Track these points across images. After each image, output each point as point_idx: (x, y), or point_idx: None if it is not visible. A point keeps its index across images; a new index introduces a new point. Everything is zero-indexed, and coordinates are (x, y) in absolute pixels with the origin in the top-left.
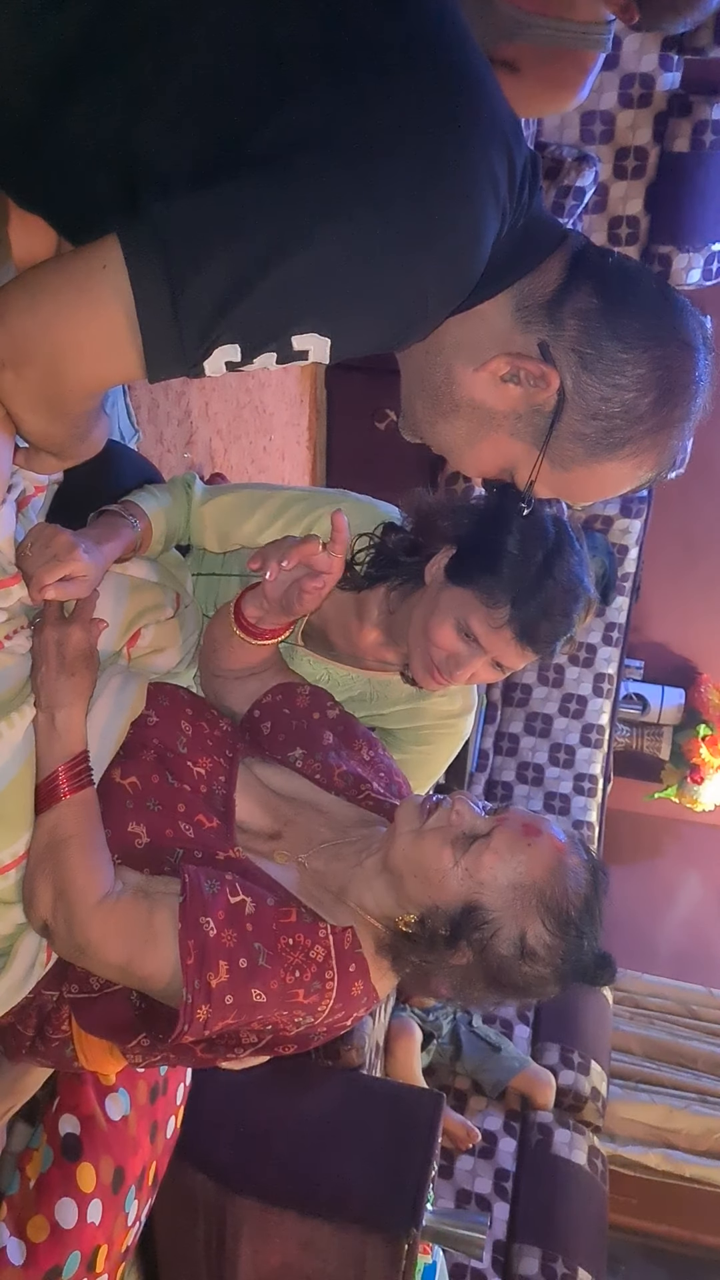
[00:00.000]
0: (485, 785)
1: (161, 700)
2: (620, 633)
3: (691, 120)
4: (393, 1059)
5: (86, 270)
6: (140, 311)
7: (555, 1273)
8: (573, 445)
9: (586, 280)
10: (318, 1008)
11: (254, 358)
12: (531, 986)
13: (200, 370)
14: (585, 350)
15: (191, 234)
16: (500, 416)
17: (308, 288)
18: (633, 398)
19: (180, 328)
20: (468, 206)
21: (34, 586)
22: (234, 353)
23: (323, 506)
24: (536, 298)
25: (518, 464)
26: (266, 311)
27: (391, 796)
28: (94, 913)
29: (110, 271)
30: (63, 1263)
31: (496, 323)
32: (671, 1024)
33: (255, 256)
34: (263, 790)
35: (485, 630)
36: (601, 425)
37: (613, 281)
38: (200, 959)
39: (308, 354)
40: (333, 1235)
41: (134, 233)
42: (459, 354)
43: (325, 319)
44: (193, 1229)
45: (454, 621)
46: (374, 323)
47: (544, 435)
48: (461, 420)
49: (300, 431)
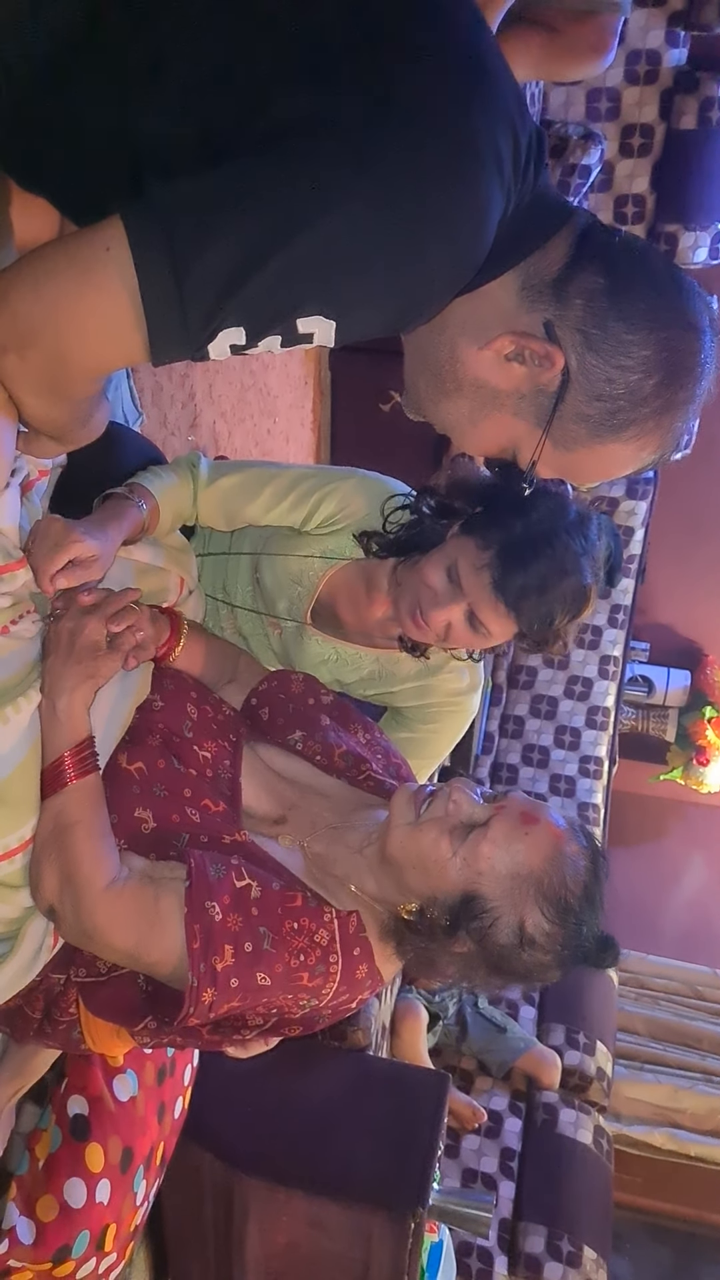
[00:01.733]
0: (490, 768)
1: (166, 684)
2: (626, 615)
3: (698, 97)
4: (399, 1040)
5: (90, 253)
6: (144, 294)
7: (561, 1251)
8: (576, 426)
9: (593, 259)
10: (322, 990)
11: (259, 340)
12: (533, 972)
13: (205, 354)
14: (590, 330)
15: (195, 216)
16: (504, 396)
17: (312, 269)
18: (637, 379)
19: (185, 311)
20: (472, 186)
21: (41, 578)
22: (239, 336)
23: (332, 483)
24: (542, 276)
25: (520, 444)
26: (271, 294)
27: (390, 777)
28: (100, 898)
29: (114, 254)
30: (72, 1241)
31: (502, 301)
32: (677, 1005)
33: (259, 239)
34: (267, 773)
35: (469, 570)
36: (605, 406)
37: (619, 261)
38: (206, 943)
39: (313, 337)
40: (340, 1214)
41: (137, 215)
42: (463, 332)
43: (330, 301)
44: (200, 1208)
45: (446, 562)
46: (379, 304)
47: (547, 415)
48: (465, 399)
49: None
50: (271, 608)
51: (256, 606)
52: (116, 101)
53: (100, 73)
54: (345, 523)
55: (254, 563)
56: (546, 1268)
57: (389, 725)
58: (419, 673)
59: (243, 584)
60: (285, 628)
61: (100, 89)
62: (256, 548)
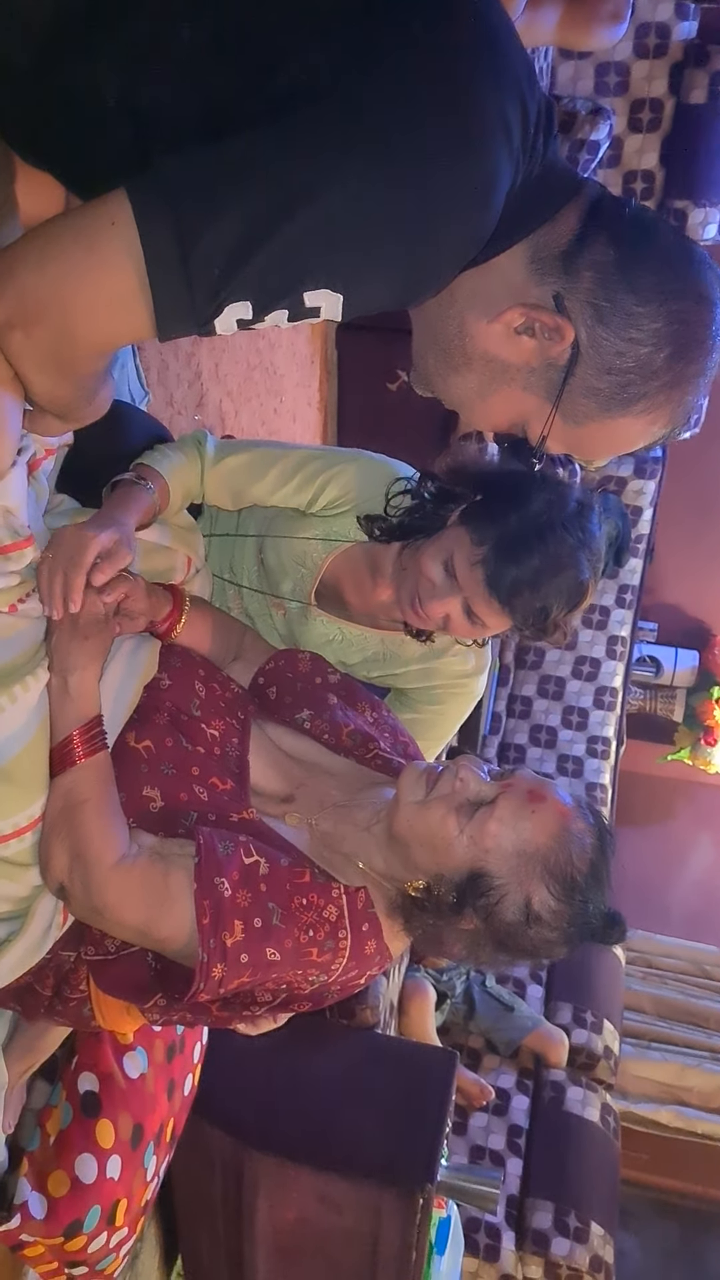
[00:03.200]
0: (498, 748)
1: (174, 662)
2: (634, 595)
3: (708, 71)
4: (407, 1019)
5: (95, 227)
6: (150, 269)
7: (568, 1226)
8: (586, 400)
9: (603, 231)
10: (331, 966)
11: (265, 315)
12: (539, 949)
13: (211, 328)
14: (600, 303)
15: (201, 190)
16: (513, 369)
17: (318, 242)
18: (648, 352)
19: (191, 285)
20: (479, 158)
21: (75, 582)
22: (245, 310)
23: (337, 465)
24: (552, 249)
25: (530, 418)
26: (278, 267)
27: (398, 755)
28: (110, 875)
29: (119, 228)
30: (83, 1216)
31: (511, 274)
32: (684, 983)
33: (265, 212)
34: (275, 751)
35: (464, 566)
36: (616, 380)
37: (629, 233)
38: (215, 919)
39: (320, 311)
40: (349, 1190)
41: (142, 190)
42: (472, 306)
43: (337, 274)
44: (210, 1184)
45: (443, 554)
46: (386, 277)
47: (557, 389)
48: (474, 373)
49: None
50: (276, 588)
51: (262, 587)
52: (118, 73)
53: (101, 44)
54: (350, 505)
55: (259, 544)
56: (554, 1243)
57: (394, 706)
58: (424, 655)
59: (249, 565)
60: (290, 608)
61: (102, 61)
62: (262, 529)
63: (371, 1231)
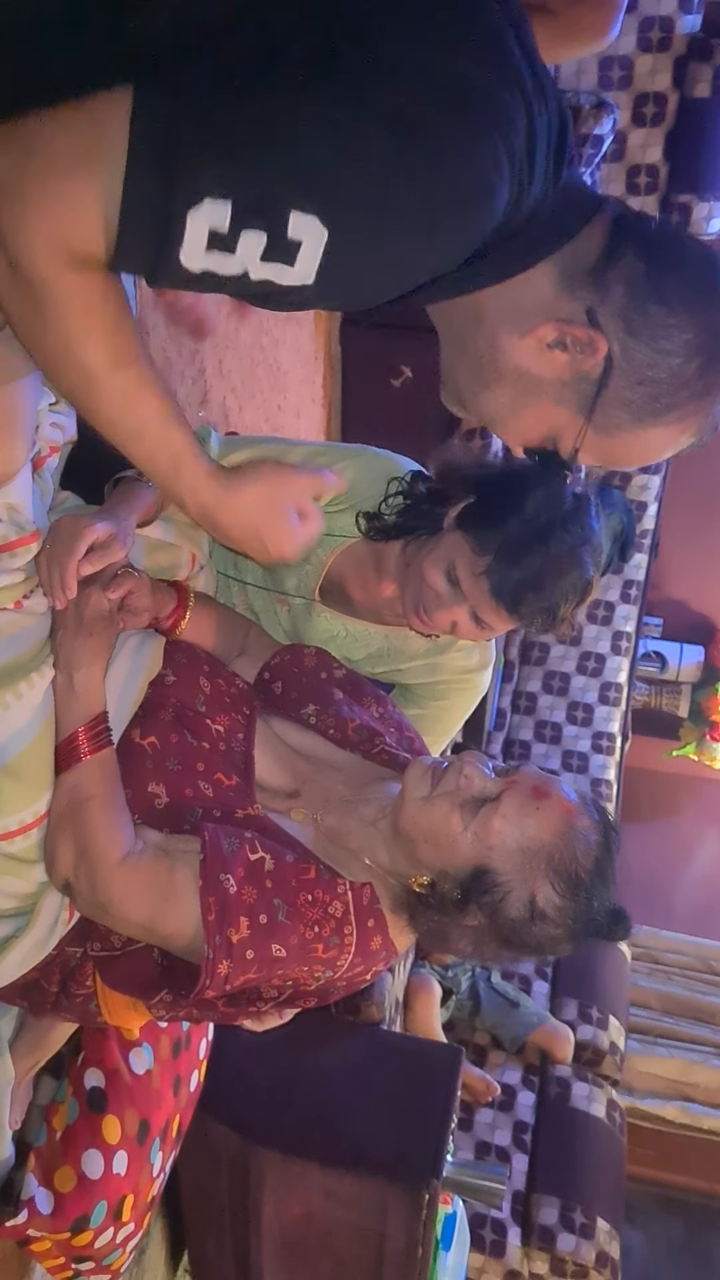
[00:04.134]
0: (503, 743)
1: (179, 658)
2: (639, 590)
3: (712, 65)
4: (412, 1015)
5: (90, 103)
6: (135, 129)
7: (574, 1222)
8: (618, 411)
9: (630, 245)
10: (337, 962)
11: (243, 229)
12: (544, 945)
13: (181, 226)
14: (632, 315)
15: (208, 89)
16: (545, 384)
17: (319, 159)
18: (679, 363)
19: (175, 155)
20: (490, 139)
21: (67, 570)
22: (222, 214)
23: (341, 461)
24: (581, 264)
25: (562, 432)
26: (270, 169)
27: (404, 751)
28: (116, 871)
29: (117, 97)
30: (90, 1212)
31: (541, 289)
32: (689, 979)
33: (270, 115)
34: (281, 747)
35: (467, 576)
36: (648, 391)
37: (657, 246)
38: (221, 915)
39: (300, 246)
40: (355, 1186)
41: (152, 82)
42: (503, 321)
43: (328, 204)
44: (216, 1180)
45: (445, 563)
46: (374, 228)
47: (590, 402)
48: (505, 388)
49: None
50: (280, 585)
51: (266, 583)
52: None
53: None
54: (353, 501)
55: None
56: (560, 1239)
57: (399, 702)
58: (428, 650)
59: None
60: (294, 604)
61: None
62: None
63: (377, 1227)
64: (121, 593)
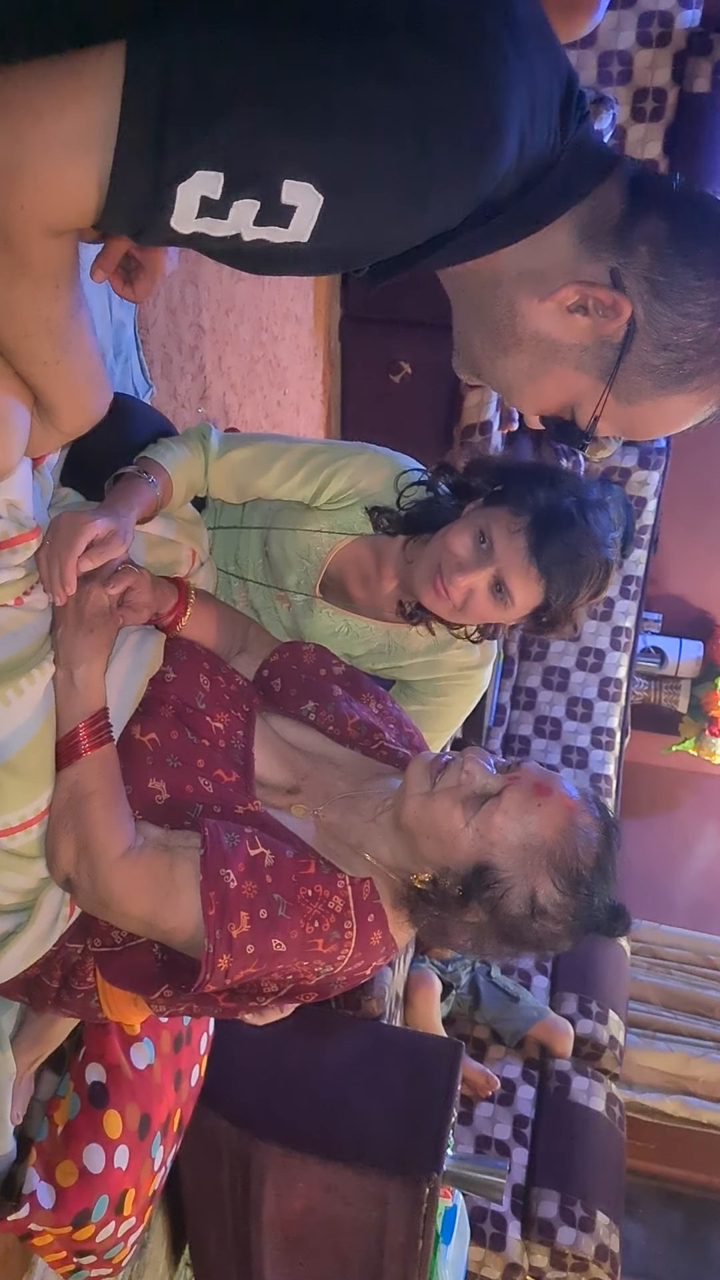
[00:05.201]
0: (503, 739)
1: (179, 655)
2: (638, 586)
3: (712, 59)
4: (412, 1009)
5: (79, 58)
6: (126, 98)
7: (574, 1215)
8: (640, 378)
9: (653, 204)
10: (337, 957)
11: (235, 198)
12: (544, 942)
13: (171, 199)
14: (657, 277)
15: (202, 47)
16: (565, 349)
17: (314, 121)
18: (705, 327)
19: (164, 126)
20: (490, 92)
21: (66, 566)
22: (214, 184)
23: (343, 458)
24: (602, 223)
25: (581, 399)
26: (266, 134)
27: (403, 746)
28: (116, 867)
29: (108, 57)
30: (91, 1206)
31: (561, 251)
32: (689, 974)
33: (263, 79)
34: (280, 744)
35: (502, 535)
36: (672, 356)
37: (681, 206)
38: (221, 910)
39: (293, 213)
40: (355, 1180)
41: (145, 33)
42: (522, 285)
43: (323, 169)
44: (218, 1174)
45: (475, 529)
46: (372, 186)
47: (611, 368)
48: (524, 354)
49: (314, 385)
50: (281, 581)
51: (267, 580)
52: None
53: None
54: (355, 498)
55: (264, 536)
56: (560, 1232)
57: (398, 699)
58: (429, 647)
59: (253, 558)
60: (294, 601)
61: None
62: (266, 522)
63: (378, 1221)
64: (121, 589)
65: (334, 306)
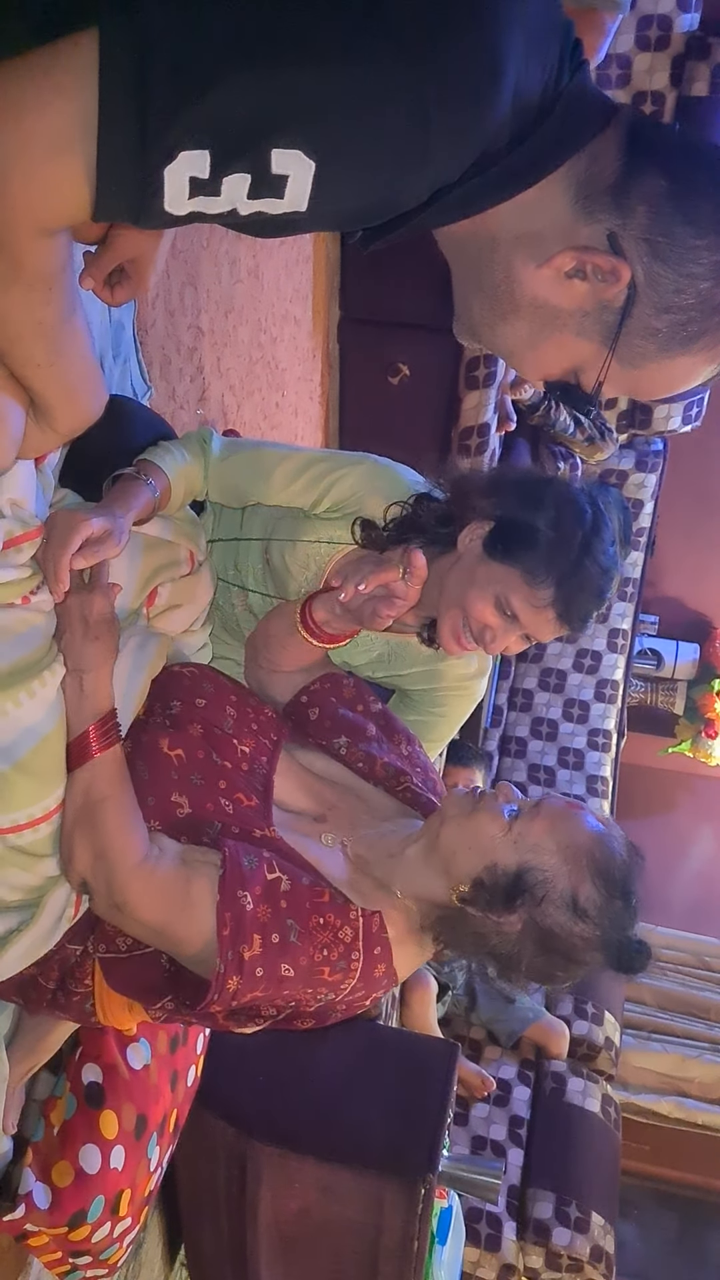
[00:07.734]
0: (499, 741)
1: (207, 686)
2: (635, 588)
3: (710, 63)
4: (409, 1010)
5: (53, 52)
6: (104, 86)
7: (569, 1216)
8: (644, 341)
9: (651, 160)
10: (340, 986)
11: (225, 174)
12: (577, 950)
13: (159, 184)
14: (657, 238)
15: (178, 22)
16: (565, 315)
17: (299, 86)
18: (708, 286)
19: (147, 107)
20: (489, 33)
21: (59, 564)
22: (201, 163)
23: (343, 468)
24: (597, 182)
25: (584, 364)
26: (247, 106)
27: (428, 792)
28: (134, 874)
29: (82, 49)
30: (87, 1206)
31: (557, 213)
32: (684, 975)
33: (245, 45)
34: (305, 774)
35: (526, 609)
36: (675, 318)
37: (680, 160)
38: (235, 931)
39: (286, 182)
40: (351, 1180)
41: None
42: (518, 250)
43: (312, 134)
44: (214, 1174)
45: (494, 598)
46: (367, 144)
47: (613, 332)
48: (523, 321)
49: (313, 387)
50: (283, 590)
51: (267, 589)
52: None
53: None
54: (354, 509)
55: (264, 545)
56: (555, 1233)
57: (397, 707)
58: (428, 657)
59: (254, 566)
60: None
61: None
62: (265, 532)
63: (374, 1221)
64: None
65: (332, 308)
